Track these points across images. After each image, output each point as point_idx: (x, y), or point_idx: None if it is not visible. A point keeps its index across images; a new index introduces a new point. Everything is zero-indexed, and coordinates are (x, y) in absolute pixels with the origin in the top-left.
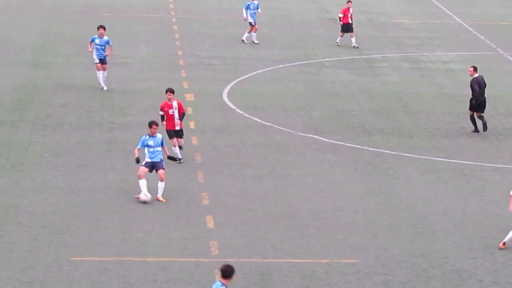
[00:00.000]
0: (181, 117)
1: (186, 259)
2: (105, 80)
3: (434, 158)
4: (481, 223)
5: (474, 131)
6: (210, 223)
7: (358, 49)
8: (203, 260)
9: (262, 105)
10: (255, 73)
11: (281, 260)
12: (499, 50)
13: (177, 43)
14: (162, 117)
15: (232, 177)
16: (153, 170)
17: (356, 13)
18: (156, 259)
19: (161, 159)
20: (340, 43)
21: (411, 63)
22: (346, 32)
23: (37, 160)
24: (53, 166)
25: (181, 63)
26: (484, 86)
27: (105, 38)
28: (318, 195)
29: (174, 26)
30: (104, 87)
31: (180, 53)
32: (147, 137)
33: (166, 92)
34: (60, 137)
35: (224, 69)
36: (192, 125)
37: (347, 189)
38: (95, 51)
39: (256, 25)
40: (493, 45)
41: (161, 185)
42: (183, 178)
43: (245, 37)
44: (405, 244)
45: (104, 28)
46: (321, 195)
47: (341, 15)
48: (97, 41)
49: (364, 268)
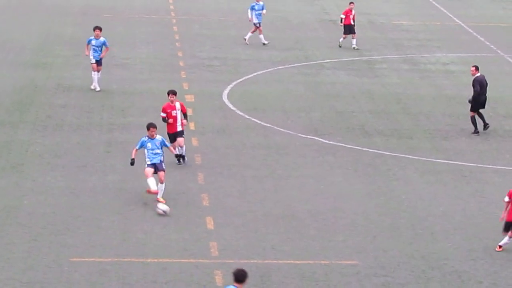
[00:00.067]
0: (185, 116)
1: (186, 260)
2: (97, 80)
3: (434, 160)
4: (480, 224)
5: (474, 132)
6: (210, 224)
7: (358, 50)
8: (203, 261)
9: (262, 106)
10: (255, 74)
11: (281, 261)
12: (499, 52)
13: (177, 44)
14: (163, 119)
15: (232, 178)
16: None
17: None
18: (156, 260)
19: (160, 161)
20: (342, 45)
21: (411, 64)
22: (349, 33)
23: (37, 161)
24: (53, 167)
25: (181, 64)
26: (486, 85)
27: (102, 39)
28: (318, 196)
29: (174, 27)
30: (97, 87)
31: (180, 54)
32: (146, 138)
33: (168, 94)
34: (60, 138)
35: (224, 70)
36: (192, 126)
37: (347, 190)
38: (92, 51)
39: (260, 26)
40: (493, 46)
41: (161, 186)
42: (183, 179)
43: (248, 36)
44: (405, 246)
45: (100, 29)
46: (321, 196)
47: (343, 16)
48: (93, 42)
49: (364, 270)
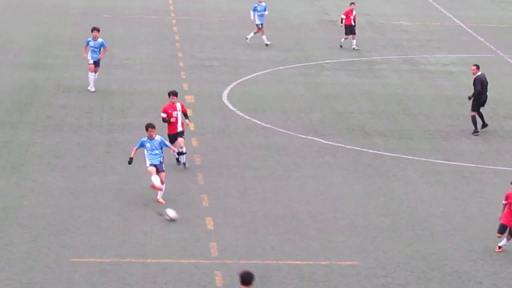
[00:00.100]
0: (186, 116)
1: (185, 260)
2: (94, 81)
3: (434, 160)
4: (480, 225)
5: (474, 132)
6: (210, 224)
7: (358, 51)
8: (202, 262)
9: (262, 107)
10: (255, 75)
11: (280, 262)
12: (499, 52)
13: (177, 44)
14: (164, 119)
15: (232, 179)
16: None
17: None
18: (155, 260)
19: (160, 162)
20: (343, 45)
21: (411, 65)
22: (349, 34)
23: (37, 161)
24: (53, 167)
25: (181, 64)
26: (486, 84)
27: (100, 40)
28: (318, 197)
29: (174, 28)
30: (93, 88)
31: (180, 54)
32: (146, 139)
33: (169, 96)
34: (60, 138)
35: (224, 70)
36: (192, 126)
37: (347, 191)
38: (90, 52)
39: (263, 27)
40: (493, 47)
41: (162, 187)
42: (183, 180)
43: (250, 36)
44: (405, 246)
45: (98, 30)
46: (320, 197)
47: (344, 17)
48: (91, 44)
49: (364, 270)
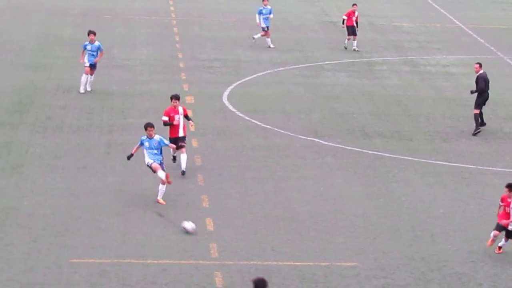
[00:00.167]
0: (188, 118)
1: (185, 261)
2: (90, 83)
3: (433, 162)
4: (480, 226)
5: (475, 130)
6: (210, 225)
7: (358, 52)
8: (202, 263)
9: (262, 108)
10: (255, 76)
11: (280, 263)
12: (499, 54)
13: (177, 45)
14: (165, 122)
15: (232, 179)
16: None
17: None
18: (155, 261)
19: (160, 162)
20: (347, 46)
21: (411, 66)
22: (351, 35)
23: (37, 162)
24: (53, 168)
25: (181, 65)
26: (488, 82)
27: (97, 43)
28: (318, 198)
29: (174, 29)
30: (81, 90)
31: (180, 55)
32: (145, 137)
33: (171, 99)
34: (60, 139)
35: (224, 71)
36: (192, 127)
37: (347, 192)
38: (87, 56)
39: (268, 30)
40: (493, 48)
41: (162, 187)
42: (183, 181)
43: (257, 36)
44: (405, 248)
45: (94, 33)
46: (320, 198)
47: (345, 18)
48: (88, 47)
49: (364, 271)
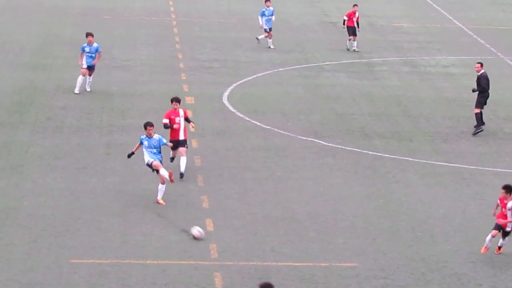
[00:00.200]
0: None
1: (185, 262)
2: (89, 83)
3: (433, 162)
4: (480, 227)
5: (477, 131)
6: (210, 226)
7: (358, 52)
8: (202, 263)
9: (262, 108)
10: (255, 76)
11: (280, 264)
12: (499, 54)
13: (177, 46)
14: (165, 125)
15: (232, 180)
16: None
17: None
18: (155, 262)
19: (160, 162)
20: (349, 47)
21: (411, 67)
22: (352, 35)
23: (37, 162)
24: (53, 169)
25: (181, 66)
26: (489, 81)
27: (95, 45)
28: (318, 198)
29: (174, 29)
30: (76, 91)
31: (180, 56)
32: (144, 136)
33: (172, 102)
34: (60, 140)
35: (224, 72)
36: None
37: (347, 192)
38: (85, 58)
39: (271, 31)
40: (493, 49)
41: (162, 187)
42: (183, 181)
43: (261, 37)
44: (405, 248)
45: (92, 35)
46: (320, 198)
47: (346, 18)
48: (87, 49)
49: (363, 272)
